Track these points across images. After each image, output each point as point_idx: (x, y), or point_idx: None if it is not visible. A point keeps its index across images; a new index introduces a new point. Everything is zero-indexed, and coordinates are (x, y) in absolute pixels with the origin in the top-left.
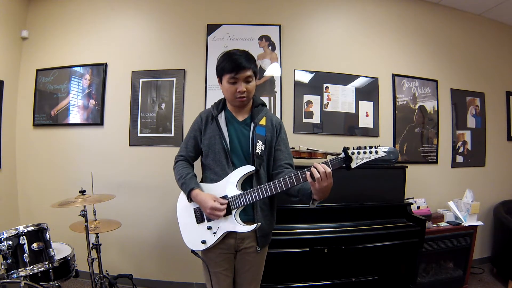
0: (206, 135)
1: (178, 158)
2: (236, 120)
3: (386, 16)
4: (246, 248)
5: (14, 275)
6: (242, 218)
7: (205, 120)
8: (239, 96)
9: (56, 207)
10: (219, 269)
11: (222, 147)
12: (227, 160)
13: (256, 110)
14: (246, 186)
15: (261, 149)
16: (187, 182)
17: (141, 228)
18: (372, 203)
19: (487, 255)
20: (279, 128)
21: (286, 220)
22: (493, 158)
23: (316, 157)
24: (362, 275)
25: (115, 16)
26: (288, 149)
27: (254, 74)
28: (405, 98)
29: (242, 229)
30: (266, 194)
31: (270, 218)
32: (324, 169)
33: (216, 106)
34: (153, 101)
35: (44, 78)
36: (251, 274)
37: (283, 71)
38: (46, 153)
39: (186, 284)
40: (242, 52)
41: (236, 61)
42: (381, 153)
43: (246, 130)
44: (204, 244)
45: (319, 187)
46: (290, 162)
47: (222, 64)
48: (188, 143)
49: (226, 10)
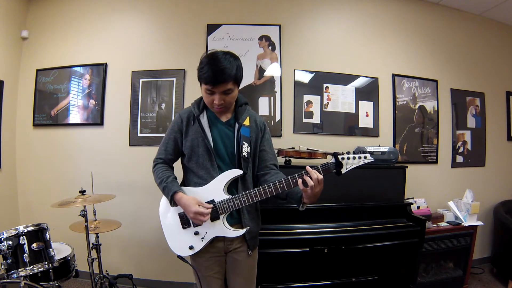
0: (188, 137)
1: (157, 161)
2: (219, 120)
3: (386, 16)
4: (236, 248)
5: (14, 275)
6: (228, 221)
7: (186, 121)
8: (216, 106)
9: (56, 207)
10: (209, 273)
11: (206, 150)
12: (212, 163)
13: (240, 109)
14: (232, 188)
15: (247, 151)
16: (169, 186)
17: (141, 228)
18: (372, 203)
19: (487, 255)
20: (263, 128)
21: (286, 220)
22: (493, 158)
23: (316, 157)
24: (362, 275)
25: (115, 16)
26: (273, 149)
27: (236, 83)
28: (405, 98)
29: (231, 234)
30: (256, 199)
31: (257, 220)
32: (317, 176)
33: (197, 104)
34: (153, 101)
35: (44, 78)
36: (244, 278)
37: (283, 71)
38: (46, 153)
39: (186, 284)
40: (225, 59)
41: (213, 74)
42: (369, 159)
43: (230, 131)
44: (191, 250)
45: (311, 193)
46: (275, 163)
47: (201, 71)
48: (167, 145)
49: (226, 10)
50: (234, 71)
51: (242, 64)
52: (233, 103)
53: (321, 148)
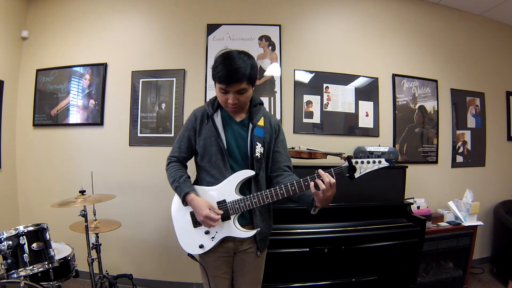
0: (201, 136)
1: (171, 159)
2: (233, 120)
3: (386, 16)
4: (245, 249)
5: (14, 275)
6: (240, 222)
7: (200, 119)
8: (230, 105)
9: (56, 207)
10: (217, 273)
11: (218, 149)
12: (225, 163)
13: (255, 110)
14: (245, 189)
15: (260, 152)
16: (181, 186)
17: (141, 228)
18: (372, 203)
19: (487, 255)
20: (277, 129)
21: (286, 220)
22: (493, 158)
23: (316, 157)
24: (362, 275)
25: (115, 16)
26: (287, 151)
27: (250, 83)
28: (405, 98)
29: (242, 235)
30: (267, 200)
31: (268, 221)
32: (329, 180)
33: (211, 104)
34: (153, 101)
35: (44, 78)
36: (250, 278)
37: (283, 71)
38: (46, 153)
39: (186, 284)
40: (239, 58)
41: (228, 73)
42: (384, 163)
43: (244, 131)
44: (201, 249)
45: (323, 197)
46: (289, 165)
47: (215, 70)
48: (181, 143)
49: (226, 10)
50: (249, 71)
51: None
52: (247, 102)
53: (321, 148)
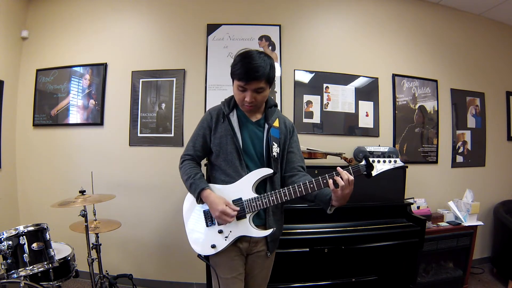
0: (216, 134)
1: (185, 158)
2: (249, 120)
3: (386, 16)
4: (259, 251)
5: (14, 275)
6: (255, 222)
7: (215, 118)
8: (246, 104)
9: (56, 207)
10: (232, 275)
11: (234, 148)
12: (240, 162)
13: (270, 111)
14: (260, 189)
15: (277, 152)
16: (196, 182)
17: (141, 228)
18: (372, 203)
19: (487, 255)
20: (292, 130)
21: (286, 220)
22: (493, 158)
23: (316, 157)
24: (362, 275)
25: (115, 16)
26: (300, 152)
27: (268, 82)
28: (405, 98)
29: (257, 234)
30: (284, 198)
31: (280, 223)
32: (347, 177)
33: (227, 103)
34: (153, 101)
35: (44, 78)
36: (261, 277)
37: (283, 71)
38: (46, 153)
39: (186, 284)
40: (259, 58)
41: (247, 71)
42: (399, 163)
43: (260, 132)
44: (213, 249)
45: (341, 195)
46: (303, 165)
47: (235, 68)
48: (196, 141)
49: (226, 10)
50: (268, 70)
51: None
52: (263, 102)
53: (321, 148)
